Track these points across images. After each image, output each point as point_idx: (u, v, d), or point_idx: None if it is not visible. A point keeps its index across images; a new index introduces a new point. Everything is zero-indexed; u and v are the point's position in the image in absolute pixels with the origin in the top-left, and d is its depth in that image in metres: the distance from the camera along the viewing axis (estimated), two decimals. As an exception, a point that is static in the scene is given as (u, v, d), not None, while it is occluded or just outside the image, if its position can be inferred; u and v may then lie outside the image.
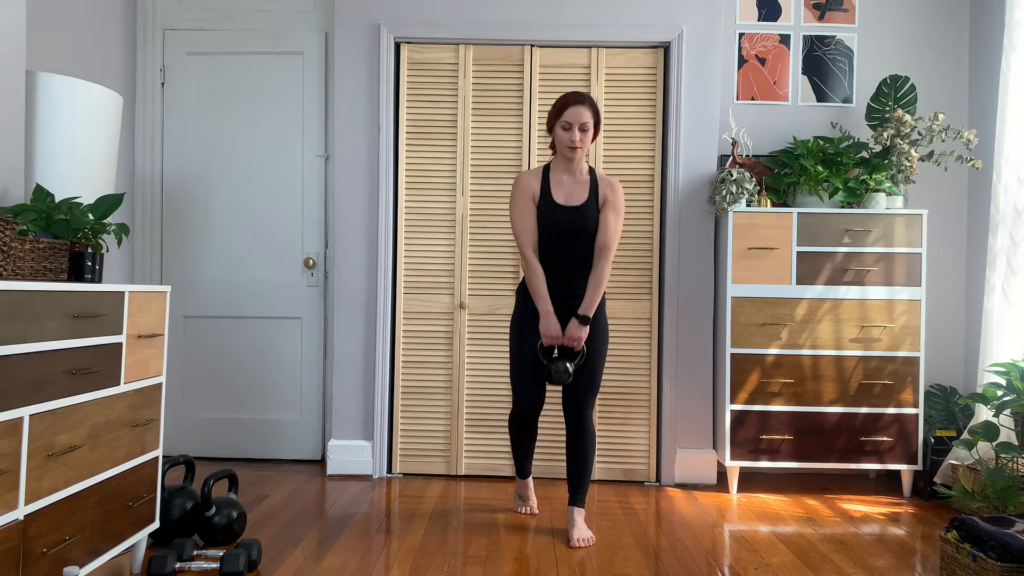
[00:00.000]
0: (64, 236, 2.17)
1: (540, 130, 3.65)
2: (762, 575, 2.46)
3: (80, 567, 2.01)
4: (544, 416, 3.61)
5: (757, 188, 3.52)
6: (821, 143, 3.55)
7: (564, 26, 3.62)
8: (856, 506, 3.31)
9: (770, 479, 3.76)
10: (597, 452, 3.61)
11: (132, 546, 2.39)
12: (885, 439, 3.43)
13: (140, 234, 3.91)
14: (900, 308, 3.44)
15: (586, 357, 2.78)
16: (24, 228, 2.10)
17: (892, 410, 3.43)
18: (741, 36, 3.88)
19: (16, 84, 2.31)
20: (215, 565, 2.37)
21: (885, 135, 3.43)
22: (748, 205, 3.51)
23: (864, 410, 3.43)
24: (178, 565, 2.34)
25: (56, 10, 3.18)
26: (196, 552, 2.47)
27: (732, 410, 3.44)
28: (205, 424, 3.92)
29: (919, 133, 3.52)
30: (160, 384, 2.46)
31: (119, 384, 2.20)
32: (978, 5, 3.82)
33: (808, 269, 3.45)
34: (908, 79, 3.59)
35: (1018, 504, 2.70)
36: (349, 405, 3.65)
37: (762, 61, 3.88)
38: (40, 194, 2.20)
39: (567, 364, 2.72)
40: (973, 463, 3.14)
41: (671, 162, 3.62)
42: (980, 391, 3.27)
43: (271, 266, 3.91)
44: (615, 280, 3.63)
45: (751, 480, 3.71)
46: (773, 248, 3.45)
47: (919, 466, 3.43)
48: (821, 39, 3.88)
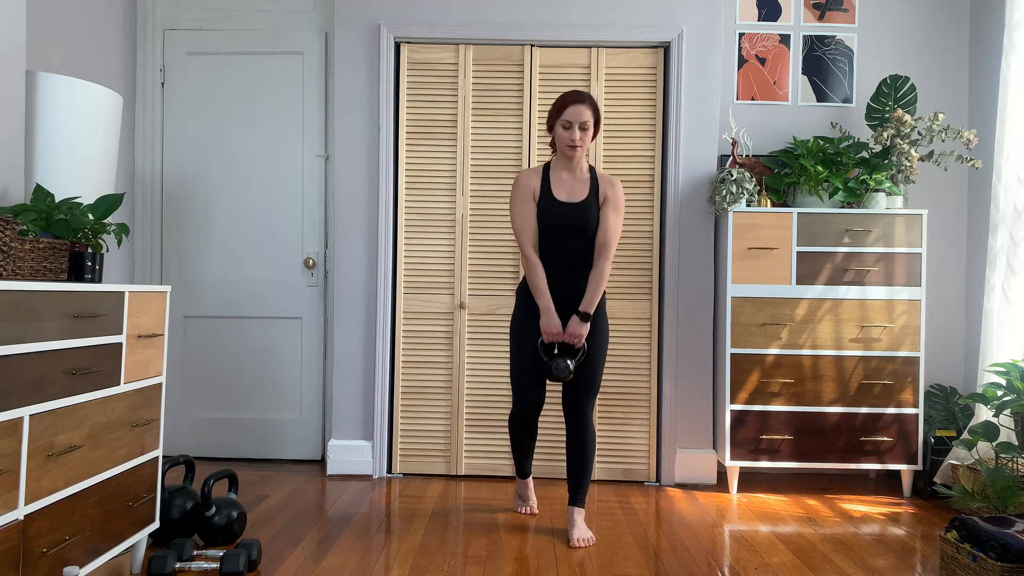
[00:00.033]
0: (64, 236, 2.17)
1: (540, 130, 3.65)
2: (762, 575, 2.46)
3: (80, 567, 2.01)
4: (544, 416, 3.61)
5: (757, 188, 3.52)
6: (821, 143, 3.55)
7: (564, 26, 3.62)
8: (856, 506, 3.31)
9: (770, 479, 3.76)
10: (597, 452, 3.61)
11: (132, 546, 2.39)
12: (885, 439, 3.43)
13: (140, 234, 3.91)
14: (900, 308, 3.44)
15: (586, 356, 2.78)
16: (24, 228, 2.11)
17: (892, 410, 3.43)
18: (741, 36, 3.88)
19: (16, 84, 2.31)
20: (215, 565, 2.37)
21: (885, 135, 3.43)
22: (748, 205, 3.51)
23: (864, 410, 3.43)
24: (178, 565, 2.34)
25: (56, 10, 3.19)
26: (196, 552, 2.47)
27: (732, 410, 3.44)
28: (205, 424, 3.92)
29: (919, 133, 3.52)
30: (160, 384, 2.46)
31: (119, 384, 2.20)
32: (978, 5, 3.82)
33: (808, 269, 3.45)
34: (908, 79, 3.59)
35: (1018, 504, 2.70)
36: (349, 405, 3.65)
37: (762, 61, 3.88)
38: (40, 194, 2.20)
39: (568, 361, 2.72)
40: (973, 463, 3.14)
41: (671, 162, 3.62)
42: (980, 391, 3.27)
43: (271, 266, 3.92)
44: (615, 280, 3.64)
45: (751, 480, 3.71)
46: (773, 248, 3.45)
47: (919, 466, 3.44)
48: (821, 39, 3.88)
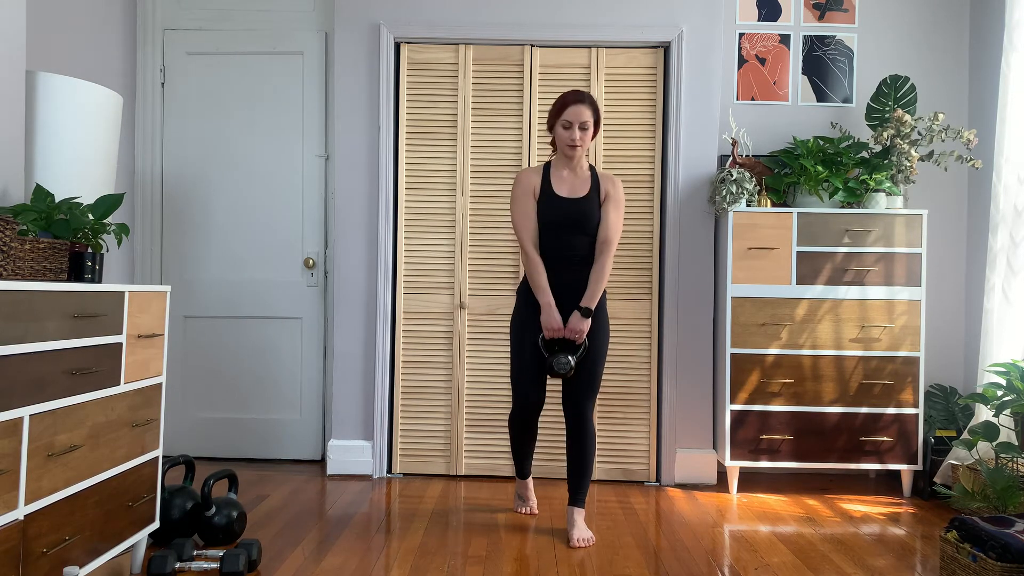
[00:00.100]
0: (64, 236, 2.17)
1: (540, 130, 3.65)
2: (762, 575, 2.46)
3: (80, 567, 2.01)
4: (544, 416, 3.61)
5: (757, 188, 3.52)
6: (821, 143, 3.55)
7: (564, 26, 3.62)
8: (856, 506, 3.31)
9: (770, 479, 3.76)
10: (597, 452, 3.61)
11: (132, 546, 2.39)
12: (885, 439, 3.43)
13: (140, 234, 3.91)
14: (900, 308, 3.44)
15: (587, 356, 2.78)
16: (24, 228, 2.10)
17: (892, 410, 3.43)
18: (741, 36, 3.88)
19: (16, 84, 2.31)
20: (215, 565, 2.37)
21: (885, 135, 3.43)
22: (748, 205, 3.51)
23: (864, 410, 3.43)
24: (178, 565, 2.34)
25: (56, 10, 3.18)
26: (196, 552, 2.47)
27: (732, 410, 3.44)
28: (205, 424, 3.92)
29: (919, 133, 3.52)
30: (160, 384, 2.46)
31: (119, 384, 2.20)
32: (978, 5, 3.82)
33: (808, 269, 3.45)
34: (908, 79, 3.59)
35: (1018, 504, 2.70)
36: (349, 405, 3.65)
37: (762, 61, 3.88)
38: (40, 194, 2.20)
39: (569, 357, 2.72)
40: (973, 463, 3.14)
41: (671, 162, 3.62)
42: (980, 391, 3.27)
43: (271, 266, 3.92)
44: (615, 280, 3.63)
45: (751, 480, 3.71)
46: (773, 248, 3.45)
47: (919, 466, 3.44)
48: (821, 39, 3.88)
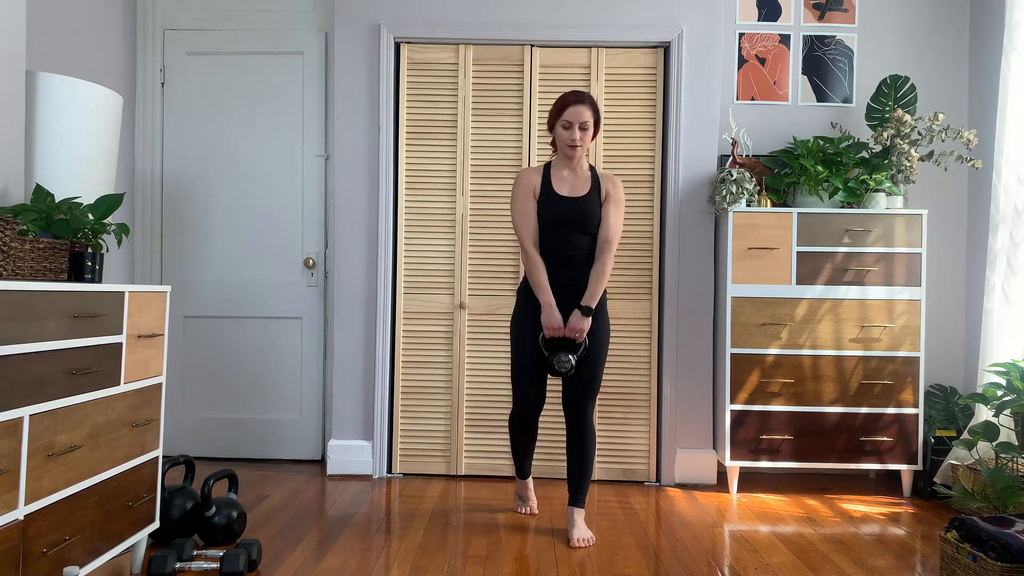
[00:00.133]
0: (64, 236, 2.17)
1: (540, 130, 3.65)
2: (762, 575, 2.46)
3: (80, 567, 2.01)
4: (544, 416, 3.61)
5: (757, 188, 3.52)
6: (821, 143, 3.55)
7: (564, 26, 3.62)
8: (856, 506, 3.31)
9: (770, 479, 3.76)
10: (597, 452, 3.61)
11: (132, 546, 2.39)
12: (885, 439, 3.43)
13: (140, 234, 3.91)
14: (900, 308, 3.44)
15: (587, 356, 2.78)
16: (24, 228, 2.10)
17: (892, 410, 3.43)
18: (741, 36, 3.88)
19: (16, 84, 2.31)
20: (215, 565, 2.37)
21: (885, 135, 3.43)
22: (748, 205, 3.51)
23: (864, 410, 3.43)
24: (178, 565, 2.34)
25: (56, 10, 3.18)
26: (196, 552, 2.47)
27: (732, 410, 3.44)
28: (205, 424, 3.92)
29: (919, 133, 3.52)
30: (160, 384, 2.46)
31: (119, 384, 2.20)
32: (978, 5, 3.82)
33: (808, 269, 3.45)
34: (908, 79, 3.59)
35: (1018, 504, 2.70)
36: (349, 405, 3.65)
37: (762, 61, 3.88)
38: (40, 194, 2.20)
39: (570, 355, 2.73)
40: (973, 463, 3.14)
41: (671, 162, 3.62)
42: (980, 391, 3.27)
43: (271, 266, 3.92)
44: (615, 280, 3.63)
45: (751, 480, 3.71)
46: (773, 248, 3.45)
47: (919, 466, 3.43)
48: (821, 39, 3.88)
